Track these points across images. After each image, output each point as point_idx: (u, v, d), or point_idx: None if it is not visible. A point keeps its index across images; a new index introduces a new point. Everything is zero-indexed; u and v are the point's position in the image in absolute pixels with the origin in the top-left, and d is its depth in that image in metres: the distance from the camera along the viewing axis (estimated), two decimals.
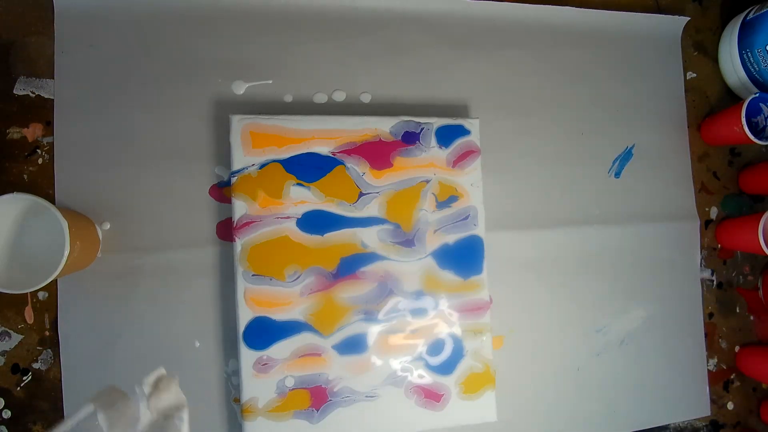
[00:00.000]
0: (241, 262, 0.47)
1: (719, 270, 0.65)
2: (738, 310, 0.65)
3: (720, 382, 0.64)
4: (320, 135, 0.49)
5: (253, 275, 0.47)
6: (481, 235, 0.52)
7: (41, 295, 0.47)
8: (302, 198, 0.49)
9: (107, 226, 0.48)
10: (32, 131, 0.48)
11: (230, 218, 0.48)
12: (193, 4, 0.51)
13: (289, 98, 0.53)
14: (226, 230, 0.50)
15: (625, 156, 0.62)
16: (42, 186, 0.48)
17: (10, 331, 0.47)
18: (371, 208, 0.50)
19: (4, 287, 0.40)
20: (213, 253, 0.50)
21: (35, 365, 0.47)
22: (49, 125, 0.48)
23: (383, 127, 0.51)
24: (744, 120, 0.57)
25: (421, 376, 0.50)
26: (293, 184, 0.48)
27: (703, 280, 0.64)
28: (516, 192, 0.58)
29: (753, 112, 0.59)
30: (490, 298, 0.53)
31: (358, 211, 0.50)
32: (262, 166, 0.48)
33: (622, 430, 0.59)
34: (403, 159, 0.51)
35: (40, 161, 0.48)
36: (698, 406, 0.62)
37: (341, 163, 0.49)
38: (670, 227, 0.62)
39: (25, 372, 0.47)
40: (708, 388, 0.62)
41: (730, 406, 0.64)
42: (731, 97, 0.67)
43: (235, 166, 0.47)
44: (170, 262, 0.49)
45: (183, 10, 0.51)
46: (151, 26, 0.50)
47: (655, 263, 0.61)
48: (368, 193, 0.50)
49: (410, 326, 0.50)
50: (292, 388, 0.47)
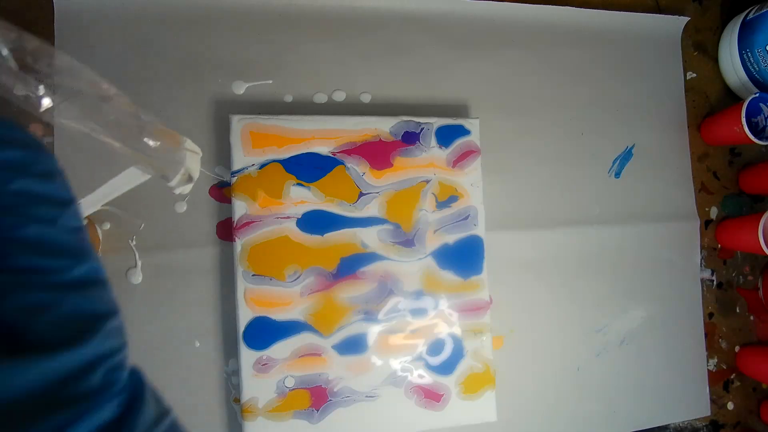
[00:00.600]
0: (241, 262, 0.47)
1: (719, 270, 0.65)
2: (738, 310, 0.65)
3: (720, 382, 0.64)
4: (320, 135, 0.49)
5: (253, 275, 0.47)
6: (481, 235, 0.52)
7: None
8: (302, 198, 0.49)
9: (107, 226, 0.48)
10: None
11: (230, 218, 0.48)
12: (193, 4, 0.51)
13: (289, 98, 0.53)
14: (226, 230, 0.50)
15: (625, 156, 0.62)
16: None
17: None
18: (371, 208, 0.50)
19: None
20: (213, 253, 0.50)
21: None
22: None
23: (383, 127, 0.51)
24: (744, 120, 0.57)
25: (421, 376, 0.50)
26: (293, 184, 0.48)
27: (703, 280, 0.64)
28: (516, 192, 0.58)
29: (753, 112, 0.59)
30: (490, 298, 0.53)
31: (358, 211, 0.50)
32: (262, 166, 0.48)
33: (622, 430, 0.59)
34: (403, 159, 0.51)
35: None
36: (698, 406, 0.62)
37: (341, 163, 0.49)
38: (670, 227, 0.62)
39: None
40: (708, 388, 0.62)
41: (730, 406, 0.64)
42: (731, 97, 0.67)
43: (235, 166, 0.47)
44: (170, 262, 0.49)
45: (183, 10, 0.51)
46: (151, 26, 0.50)
47: (655, 263, 0.61)
48: (368, 193, 0.50)
49: (410, 326, 0.50)
50: (292, 388, 0.47)
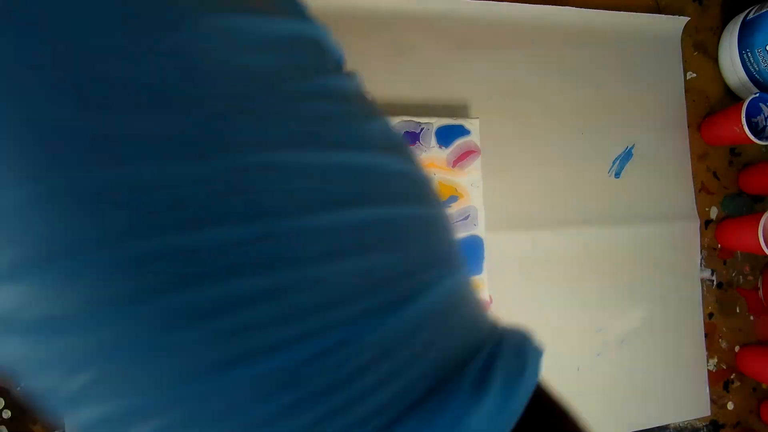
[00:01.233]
0: None
1: (719, 270, 0.65)
2: (738, 310, 0.65)
3: (720, 382, 0.64)
4: None
5: None
6: (481, 235, 0.52)
7: None
8: None
9: None
10: None
11: None
12: None
13: None
14: None
15: (625, 156, 0.62)
16: None
17: None
18: None
19: None
20: None
21: None
22: None
23: None
24: (744, 120, 0.57)
25: None
26: None
27: (703, 280, 0.64)
28: (516, 192, 0.58)
29: (753, 112, 0.59)
30: (490, 298, 0.53)
31: None
32: None
33: (622, 430, 0.59)
34: None
35: None
36: (698, 406, 0.62)
37: None
38: (670, 227, 0.62)
39: None
40: (708, 388, 0.62)
41: (730, 406, 0.64)
42: (731, 97, 0.67)
43: None
44: None
45: None
46: None
47: (655, 263, 0.61)
48: None
49: None
50: None
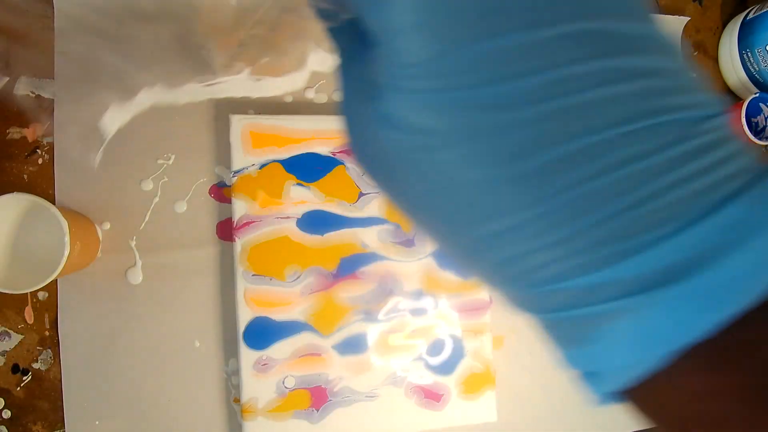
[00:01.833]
0: (241, 262, 0.47)
1: None
2: None
3: None
4: (320, 135, 0.49)
5: (253, 275, 0.47)
6: None
7: (41, 295, 0.47)
8: (302, 198, 0.49)
9: (107, 226, 0.48)
10: (32, 131, 0.48)
11: (230, 218, 0.48)
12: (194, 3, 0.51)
13: (289, 98, 0.53)
14: (226, 230, 0.50)
15: None
16: (42, 186, 0.48)
17: (10, 331, 0.47)
18: (371, 208, 0.50)
19: (4, 287, 0.40)
20: (213, 253, 0.50)
21: (35, 365, 0.47)
22: (49, 125, 0.48)
23: None
24: (744, 120, 0.57)
25: (421, 376, 0.50)
26: (293, 184, 0.48)
27: None
28: None
29: (753, 112, 0.59)
30: (490, 298, 0.53)
31: (359, 211, 0.50)
32: (262, 166, 0.48)
33: (622, 430, 0.59)
34: None
35: (40, 161, 0.48)
36: None
37: (341, 163, 0.49)
38: None
39: (25, 372, 0.47)
40: None
41: None
42: (731, 97, 0.67)
43: (235, 166, 0.47)
44: (170, 262, 0.49)
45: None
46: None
47: None
48: (368, 193, 0.50)
49: (410, 326, 0.50)
50: (292, 388, 0.47)
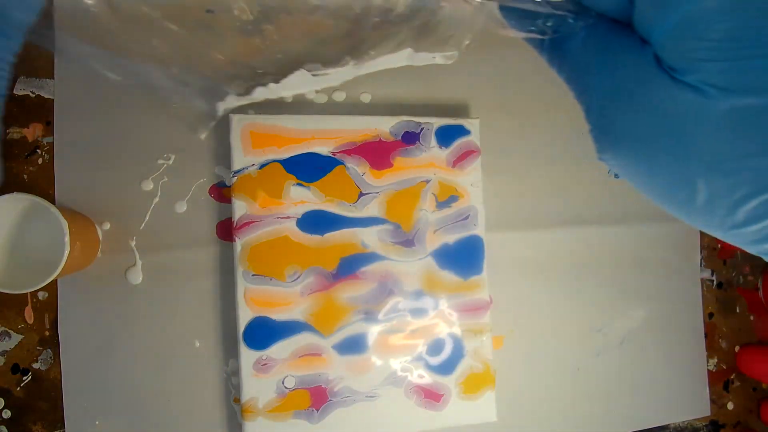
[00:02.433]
0: (241, 262, 0.47)
1: (719, 270, 0.65)
2: (738, 310, 0.65)
3: (720, 382, 0.64)
4: (320, 135, 0.49)
5: (253, 275, 0.47)
6: (481, 235, 0.52)
7: (41, 295, 0.47)
8: (302, 198, 0.49)
9: (107, 226, 0.48)
10: (32, 131, 0.48)
11: (230, 218, 0.48)
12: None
13: (289, 98, 0.53)
14: (226, 230, 0.50)
15: None
16: (42, 186, 0.48)
17: (10, 331, 0.47)
18: (371, 208, 0.50)
19: (4, 287, 0.40)
20: (213, 253, 0.50)
21: (35, 365, 0.47)
22: (49, 125, 0.48)
23: (383, 127, 0.51)
24: None
25: (421, 376, 0.50)
26: (293, 184, 0.48)
27: (703, 280, 0.63)
28: (516, 192, 0.58)
29: None
30: (490, 298, 0.53)
31: (358, 211, 0.50)
32: (262, 166, 0.48)
33: (622, 430, 0.59)
34: (403, 159, 0.51)
35: (40, 161, 0.48)
36: (698, 406, 0.62)
37: (341, 163, 0.49)
38: (670, 227, 0.62)
39: (25, 372, 0.47)
40: (708, 388, 0.62)
41: (730, 406, 0.64)
42: None
43: (235, 166, 0.47)
44: (170, 262, 0.49)
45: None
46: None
47: (655, 263, 0.61)
48: (368, 193, 0.50)
49: (410, 326, 0.50)
50: (292, 388, 0.47)
